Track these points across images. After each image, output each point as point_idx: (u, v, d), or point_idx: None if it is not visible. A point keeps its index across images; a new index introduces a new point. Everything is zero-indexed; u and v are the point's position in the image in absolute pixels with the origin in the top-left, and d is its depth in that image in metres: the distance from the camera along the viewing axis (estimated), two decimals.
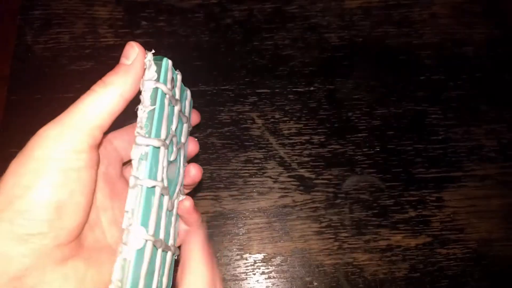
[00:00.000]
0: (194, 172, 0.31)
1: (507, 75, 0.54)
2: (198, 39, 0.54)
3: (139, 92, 0.25)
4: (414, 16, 0.57)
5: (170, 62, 0.27)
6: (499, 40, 0.56)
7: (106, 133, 0.25)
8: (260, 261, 0.45)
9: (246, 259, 0.46)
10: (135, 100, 0.25)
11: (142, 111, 0.25)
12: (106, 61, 0.52)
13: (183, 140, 0.30)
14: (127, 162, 0.30)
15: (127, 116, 0.25)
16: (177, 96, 0.28)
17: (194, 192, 0.43)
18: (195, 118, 0.33)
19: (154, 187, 0.24)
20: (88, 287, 0.24)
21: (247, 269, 0.45)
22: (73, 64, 0.52)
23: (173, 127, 0.27)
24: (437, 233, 0.47)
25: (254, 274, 0.45)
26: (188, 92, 0.31)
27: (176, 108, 0.28)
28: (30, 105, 0.50)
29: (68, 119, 0.23)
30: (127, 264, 0.23)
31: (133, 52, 0.25)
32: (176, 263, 0.28)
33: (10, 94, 0.50)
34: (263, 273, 0.45)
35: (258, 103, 0.51)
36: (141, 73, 0.25)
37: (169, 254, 0.27)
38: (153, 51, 0.26)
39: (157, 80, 0.25)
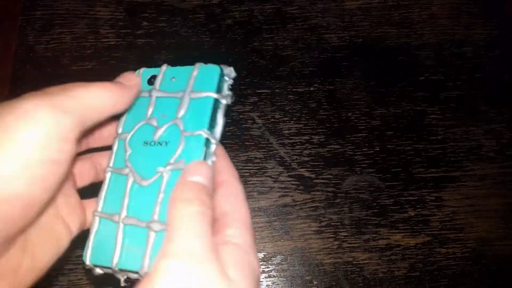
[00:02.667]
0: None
1: (506, 75, 0.55)
2: (199, 39, 0.54)
3: None
4: (413, 16, 0.57)
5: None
6: (498, 40, 0.56)
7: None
8: (260, 260, 0.46)
9: None
10: None
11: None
12: (108, 61, 0.52)
13: (179, 114, 0.29)
14: None
15: None
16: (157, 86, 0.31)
17: None
18: None
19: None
20: (23, 275, 0.23)
21: None
22: (74, 64, 0.52)
23: (147, 113, 0.30)
24: (436, 232, 0.47)
25: None
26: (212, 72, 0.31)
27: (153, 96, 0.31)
28: None
29: (60, 100, 0.21)
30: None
31: (134, 78, 0.28)
32: None
33: (11, 94, 0.50)
34: (263, 271, 0.45)
35: (259, 103, 0.52)
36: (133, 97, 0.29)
37: (151, 231, 0.26)
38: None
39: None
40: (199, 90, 0.30)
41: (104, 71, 0.52)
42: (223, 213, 0.25)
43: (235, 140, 0.50)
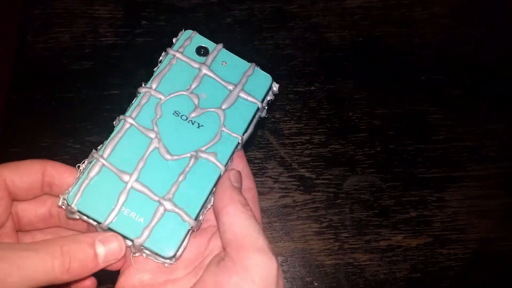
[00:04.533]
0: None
1: (507, 75, 0.54)
2: None
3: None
4: (414, 16, 0.57)
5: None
6: (499, 40, 0.56)
7: None
8: None
9: None
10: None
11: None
12: (106, 60, 0.52)
13: (223, 106, 0.30)
14: None
15: None
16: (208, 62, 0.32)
17: None
18: None
19: (132, 125, 0.28)
20: None
21: None
22: (73, 63, 0.51)
23: (190, 86, 0.30)
24: (437, 233, 0.47)
25: None
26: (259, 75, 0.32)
27: (200, 72, 0.31)
28: (31, 105, 0.50)
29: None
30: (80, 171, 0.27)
31: (116, 252, 0.25)
32: None
33: (10, 94, 0.50)
34: None
35: None
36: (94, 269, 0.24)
37: (160, 207, 0.26)
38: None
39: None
40: (249, 92, 0.31)
41: (103, 70, 0.51)
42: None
43: None
